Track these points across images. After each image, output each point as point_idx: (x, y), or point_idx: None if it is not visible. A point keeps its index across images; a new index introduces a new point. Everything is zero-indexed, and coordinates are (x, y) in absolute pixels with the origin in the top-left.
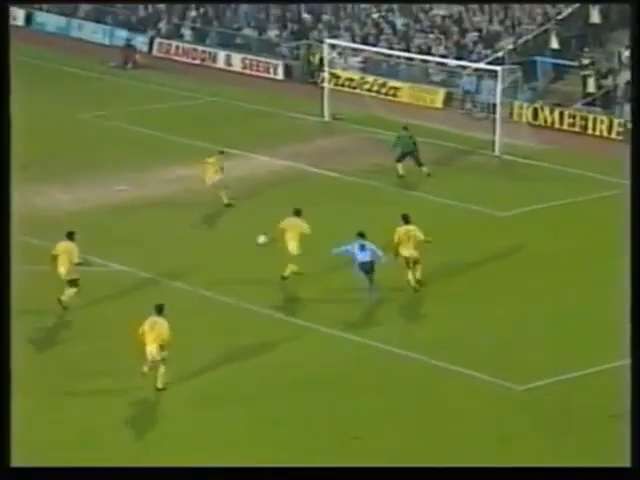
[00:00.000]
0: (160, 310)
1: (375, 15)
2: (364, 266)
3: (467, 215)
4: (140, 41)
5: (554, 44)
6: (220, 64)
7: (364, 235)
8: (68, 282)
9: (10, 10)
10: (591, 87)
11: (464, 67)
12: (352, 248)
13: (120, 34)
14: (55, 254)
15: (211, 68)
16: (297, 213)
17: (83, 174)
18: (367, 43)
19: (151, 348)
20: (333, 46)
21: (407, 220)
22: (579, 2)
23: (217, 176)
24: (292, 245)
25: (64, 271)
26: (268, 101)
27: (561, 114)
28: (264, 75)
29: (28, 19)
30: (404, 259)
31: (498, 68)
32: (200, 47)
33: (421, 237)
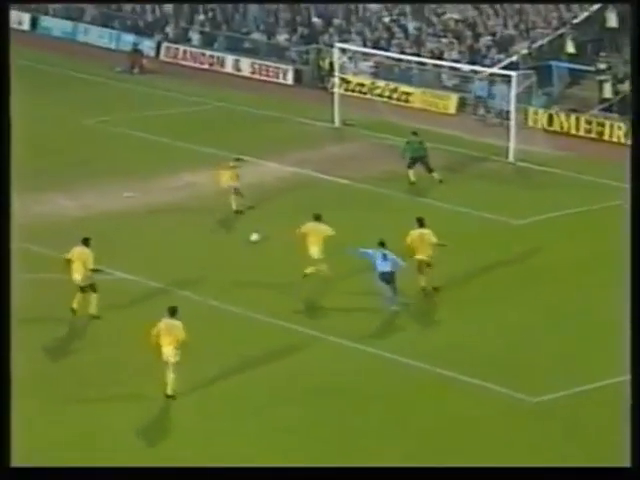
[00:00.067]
0: (174, 312)
1: (386, 19)
2: (385, 276)
3: (481, 223)
4: (147, 45)
5: (570, 48)
6: (228, 69)
7: (384, 244)
8: (85, 288)
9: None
10: (608, 92)
11: (477, 72)
12: (373, 257)
13: (127, 38)
14: (69, 258)
15: (219, 73)
16: (317, 218)
17: (88, 181)
18: (378, 47)
19: (167, 350)
20: (344, 50)
21: (422, 223)
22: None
23: (232, 183)
24: (314, 249)
25: (79, 277)
26: (277, 106)
27: (577, 120)
28: (273, 80)
29: (34, 23)
30: (417, 262)
31: (512, 73)
32: (208, 51)
33: (435, 240)
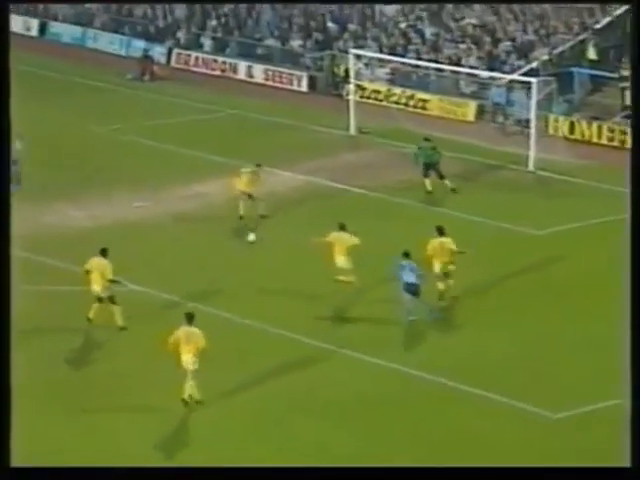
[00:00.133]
0: (191, 319)
1: (403, 25)
2: (410, 287)
3: (499, 233)
4: (158, 52)
5: (591, 54)
6: (241, 75)
7: (409, 255)
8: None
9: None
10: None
11: (497, 79)
12: (399, 268)
13: (137, 45)
14: (88, 269)
15: (232, 80)
16: (342, 227)
17: (97, 190)
18: (395, 54)
19: (186, 357)
20: (359, 57)
21: (441, 232)
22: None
23: (246, 188)
24: (340, 259)
25: (98, 288)
26: (291, 114)
27: (599, 128)
28: (287, 87)
29: (42, 29)
30: (437, 271)
31: (533, 80)
32: (220, 58)
33: (455, 249)
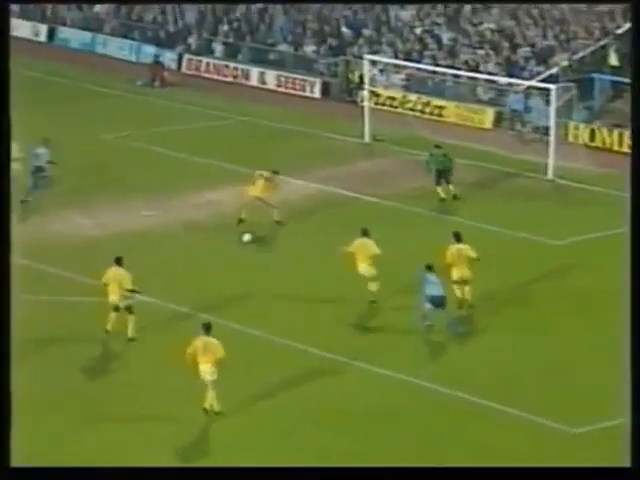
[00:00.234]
0: (208, 329)
1: (419, 30)
2: (436, 300)
3: (515, 242)
4: (168, 57)
5: (613, 60)
6: (253, 82)
7: (432, 268)
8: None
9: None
10: None
11: (515, 85)
12: (421, 280)
13: (147, 50)
14: (106, 282)
15: (243, 86)
16: (365, 233)
17: (106, 198)
18: (410, 59)
19: (204, 368)
20: (374, 62)
21: (459, 238)
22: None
23: (258, 194)
24: (363, 267)
25: (116, 298)
26: (304, 121)
27: (620, 135)
28: (300, 93)
29: (51, 35)
30: (456, 278)
31: (552, 86)
32: (232, 64)
33: (473, 255)
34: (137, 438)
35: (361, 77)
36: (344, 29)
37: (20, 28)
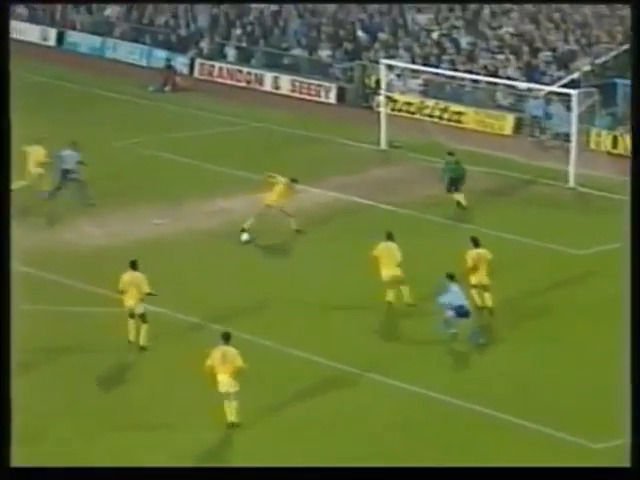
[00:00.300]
0: (227, 338)
1: (436, 34)
2: (460, 310)
3: (536, 251)
4: (180, 62)
5: None
6: (267, 87)
7: (454, 277)
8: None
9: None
10: None
11: (535, 90)
12: (442, 290)
13: (159, 54)
14: (122, 289)
15: (257, 91)
16: (389, 237)
17: (116, 206)
18: (428, 64)
19: (223, 378)
20: (390, 67)
21: (477, 243)
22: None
23: (276, 202)
24: (386, 272)
25: (133, 302)
26: (319, 127)
27: None
28: (315, 99)
29: (60, 39)
30: (475, 283)
31: (573, 91)
32: (245, 68)
33: (490, 257)
34: (147, 447)
35: (377, 82)
36: (360, 33)
37: (29, 32)
